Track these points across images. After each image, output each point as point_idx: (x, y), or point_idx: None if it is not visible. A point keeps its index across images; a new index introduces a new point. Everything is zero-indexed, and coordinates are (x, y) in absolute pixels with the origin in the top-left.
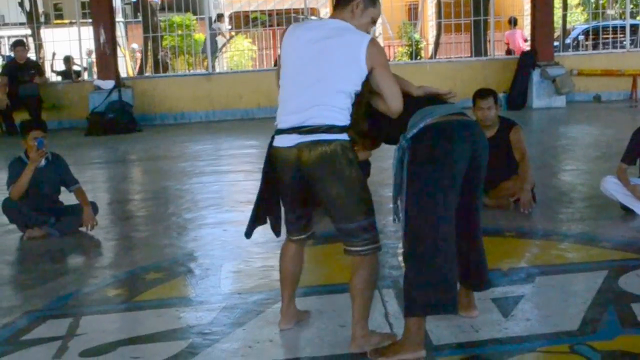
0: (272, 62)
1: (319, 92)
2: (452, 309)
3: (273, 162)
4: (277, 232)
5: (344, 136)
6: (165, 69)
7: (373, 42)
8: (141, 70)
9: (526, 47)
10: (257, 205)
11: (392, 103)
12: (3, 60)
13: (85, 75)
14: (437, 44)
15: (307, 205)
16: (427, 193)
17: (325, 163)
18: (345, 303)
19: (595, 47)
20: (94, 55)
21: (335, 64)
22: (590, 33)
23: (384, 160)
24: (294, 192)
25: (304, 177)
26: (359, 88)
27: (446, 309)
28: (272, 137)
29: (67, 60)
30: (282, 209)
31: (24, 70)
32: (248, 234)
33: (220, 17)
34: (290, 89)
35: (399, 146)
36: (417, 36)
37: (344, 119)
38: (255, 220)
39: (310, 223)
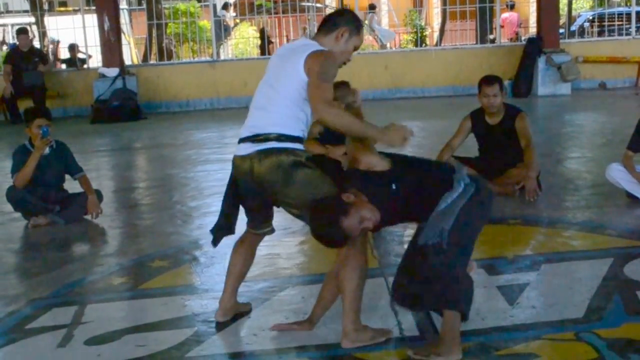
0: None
1: (270, 103)
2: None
3: (233, 170)
4: (215, 242)
5: (295, 145)
6: (170, 57)
7: (317, 52)
8: (145, 58)
9: (518, 29)
10: (221, 214)
11: (315, 113)
12: (7, 48)
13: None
14: (442, 31)
15: (267, 207)
16: (471, 228)
17: (274, 172)
18: None
19: (600, 34)
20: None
21: (284, 74)
22: (596, 20)
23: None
24: (252, 198)
25: (259, 185)
26: (304, 96)
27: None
28: None
29: (72, 48)
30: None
31: (28, 59)
32: (215, 243)
33: (226, 6)
34: (253, 102)
35: (464, 182)
36: (422, 23)
37: (295, 128)
38: (220, 229)
39: (269, 221)
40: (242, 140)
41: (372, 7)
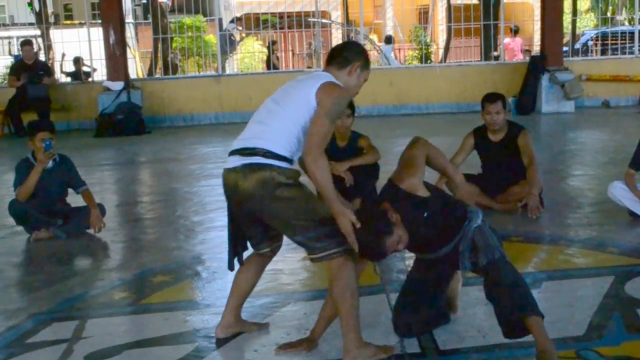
0: (283, 65)
1: (269, 117)
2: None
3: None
4: (230, 266)
5: (280, 163)
6: (175, 71)
7: (330, 84)
8: (151, 72)
9: (521, 56)
10: (229, 238)
11: (308, 153)
12: (13, 60)
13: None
14: (447, 47)
15: (259, 225)
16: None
17: (258, 189)
18: None
19: (604, 52)
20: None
21: (293, 93)
22: (600, 38)
23: (393, 164)
24: (242, 215)
25: (245, 201)
26: (307, 121)
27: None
28: None
29: (77, 61)
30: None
31: (33, 71)
32: (230, 267)
33: (235, 20)
34: (254, 115)
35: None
36: (427, 40)
37: (284, 148)
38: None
39: (272, 238)
40: (232, 152)
41: (388, 40)
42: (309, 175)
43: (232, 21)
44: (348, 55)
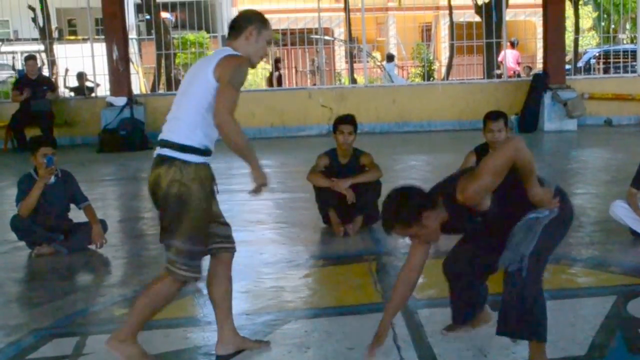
0: (286, 82)
1: (179, 110)
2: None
3: None
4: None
5: (187, 156)
6: (178, 87)
7: (229, 56)
8: (154, 88)
9: (517, 68)
10: None
11: (216, 117)
12: (16, 75)
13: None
14: (449, 65)
15: None
16: (551, 247)
17: (159, 178)
18: (354, 325)
19: (606, 71)
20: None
21: (195, 80)
22: (602, 57)
23: (395, 181)
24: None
25: (154, 194)
26: (210, 101)
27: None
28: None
29: (80, 76)
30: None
31: (36, 86)
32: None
33: None
34: (170, 111)
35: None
36: (430, 57)
37: (194, 139)
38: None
39: (214, 235)
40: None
41: (390, 58)
42: (222, 138)
43: None
44: (240, 23)
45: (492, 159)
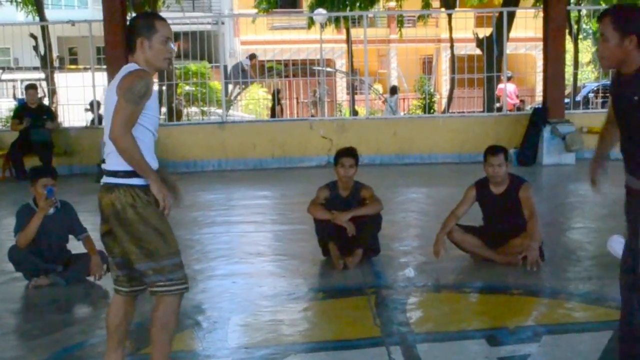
0: (288, 113)
1: (105, 132)
2: None
3: None
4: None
5: (132, 180)
6: (179, 117)
7: (128, 73)
8: None
9: (516, 101)
10: None
11: (111, 132)
12: (16, 103)
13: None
14: (450, 98)
15: (124, 255)
16: None
17: (109, 207)
18: (353, 359)
19: (604, 105)
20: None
21: (107, 110)
22: (600, 91)
23: (395, 214)
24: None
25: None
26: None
27: None
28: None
29: (92, 105)
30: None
31: (36, 115)
32: None
33: (253, 57)
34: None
35: None
36: (431, 89)
37: (121, 162)
38: None
39: (135, 278)
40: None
41: (393, 91)
42: (119, 152)
43: (249, 57)
44: (130, 37)
45: None
